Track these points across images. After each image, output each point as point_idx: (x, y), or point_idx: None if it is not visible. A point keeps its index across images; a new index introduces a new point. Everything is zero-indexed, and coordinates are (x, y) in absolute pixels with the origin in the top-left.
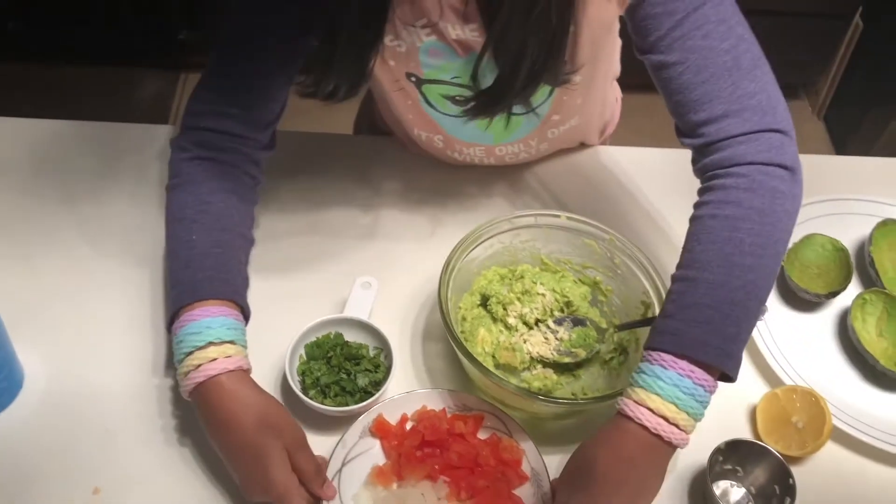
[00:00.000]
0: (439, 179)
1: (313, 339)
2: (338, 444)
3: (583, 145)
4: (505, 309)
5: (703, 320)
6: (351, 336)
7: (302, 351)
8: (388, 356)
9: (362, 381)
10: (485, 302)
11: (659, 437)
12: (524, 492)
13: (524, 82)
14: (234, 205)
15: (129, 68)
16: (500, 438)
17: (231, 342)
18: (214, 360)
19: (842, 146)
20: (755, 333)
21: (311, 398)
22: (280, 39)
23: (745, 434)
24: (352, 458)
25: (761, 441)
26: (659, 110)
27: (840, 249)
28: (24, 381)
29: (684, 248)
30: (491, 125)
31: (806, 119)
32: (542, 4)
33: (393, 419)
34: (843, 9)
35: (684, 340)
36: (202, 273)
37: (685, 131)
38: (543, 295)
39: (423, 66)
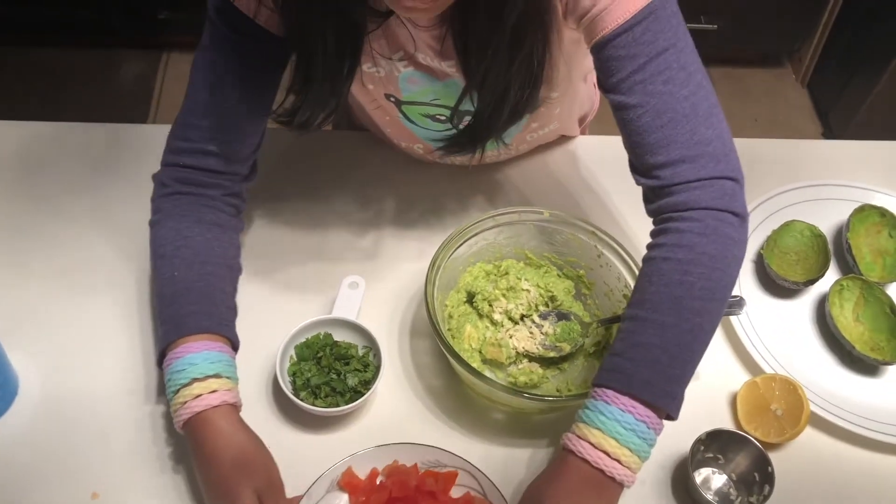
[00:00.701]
0: (423, 177)
1: (303, 339)
2: (303, 496)
3: (564, 137)
4: (490, 305)
5: (650, 360)
6: (340, 335)
7: (292, 352)
8: (377, 355)
9: (352, 380)
10: (471, 299)
11: (601, 471)
12: None
13: (507, 120)
14: (215, 237)
15: (109, 49)
16: (472, 498)
17: (216, 376)
18: (198, 396)
19: (825, 113)
20: (735, 321)
21: (302, 399)
22: (255, 75)
23: (727, 421)
24: None
25: (742, 428)
26: None
27: (818, 235)
28: (19, 388)
29: (636, 287)
30: None
31: (790, 86)
32: (526, 49)
33: (363, 473)
34: None
35: (630, 379)
36: (185, 308)
37: (640, 171)
38: (528, 291)
39: (403, 91)
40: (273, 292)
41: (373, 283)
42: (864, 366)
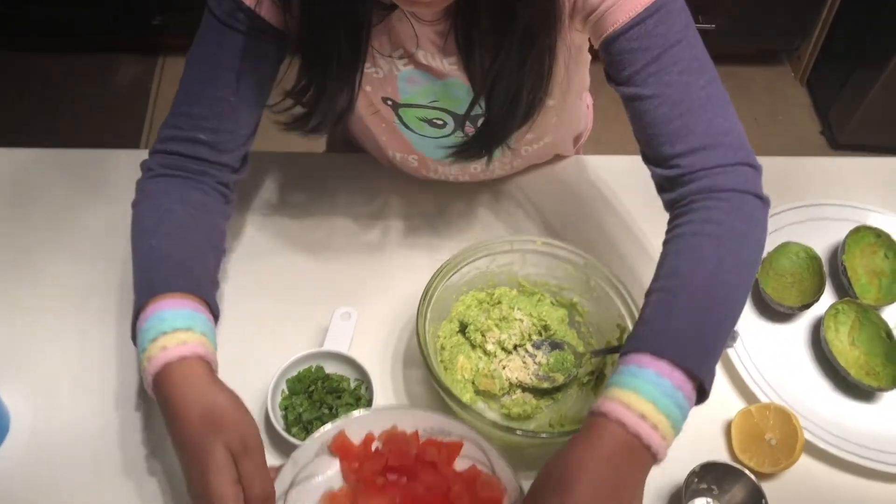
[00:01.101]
0: (417, 202)
1: (295, 373)
2: (287, 462)
3: (558, 156)
4: (483, 336)
5: (685, 328)
6: (332, 368)
7: (284, 386)
8: (369, 388)
9: (343, 414)
10: (463, 329)
11: (638, 437)
12: None
13: (521, 121)
14: (200, 215)
15: (105, 52)
16: (479, 472)
17: (187, 329)
18: (165, 348)
19: (825, 111)
20: (730, 349)
21: (294, 435)
22: (250, 67)
23: (721, 450)
24: (303, 478)
25: (736, 457)
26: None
27: (813, 258)
28: (10, 424)
29: (663, 262)
30: None
31: (789, 84)
32: (537, 48)
33: (357, 438)
34: None
35: (667, 344)
36: (159, 273)
37: (657, 161)
38: (521, 320)
39: (401, 92)
40: (264, 324)
41: (365, 312)
42: (860, 391)
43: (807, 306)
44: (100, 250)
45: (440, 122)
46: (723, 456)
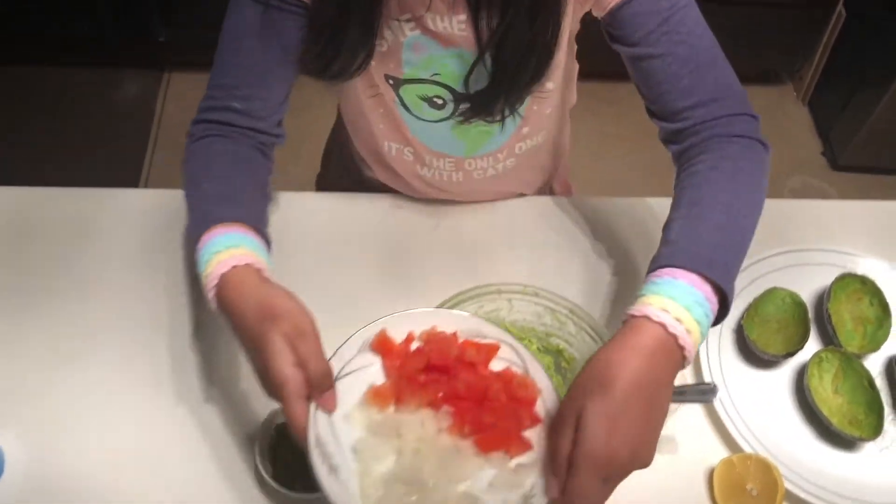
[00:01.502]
0: (398, 247)
1: (283, 419)
2: (333, 355)
3: (550, 192)
4: None
5: (711, 248)
6: None
7: (272, 432)
8: None
9: None
10: None
11: (675, 337)
12: (535, 435)
13: (529, 79)
14: (243, 165)
15: (110, 69)
16: (514, 373)
17: (236, 246)
18: (219, 263)
19: (826, 132)
20: (717, 398)
21: (282, 483)
22: (275, 35)
23: (704, 498)
24: (347, 372)
25: None
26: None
27: (799, 304)
28: (4, 467)
29: (682, 194)
30: (465, 133)
31: (790, 104)
32: (548, 6)
33: (398, 336)
34: None
35: (696, 259)
36: (210, 209)
37: (666, 116)
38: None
39: (404, 65)
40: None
41: None
42: (842, 440)
43: (791, 355)
44: (96, 293)
45: (439, 101)
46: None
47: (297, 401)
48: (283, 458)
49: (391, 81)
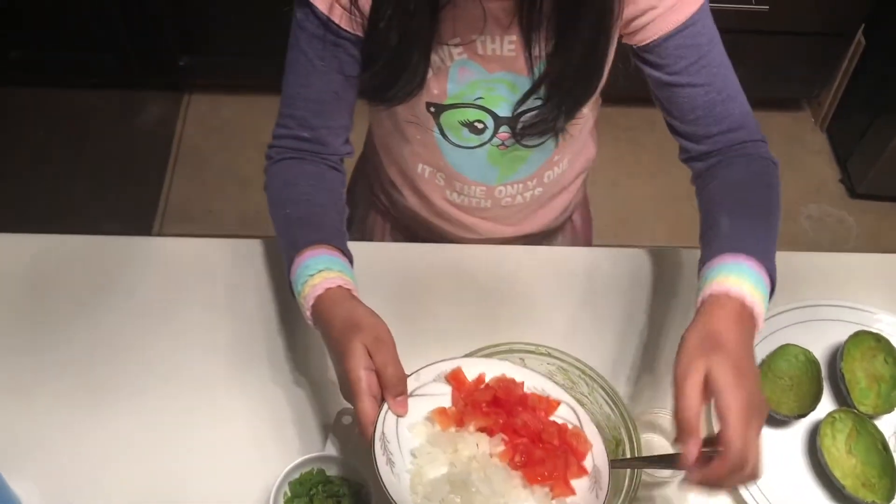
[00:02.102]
0: (414, 301)
1: (297, 475)
2: (412, 374)
3: (570, 224)
4: None
5: (758, 238)
6: (334, 470)
7: (287, 489)
8: (368, 493)
9: None
10: None
11: (752, 308)
12: (581, 485)
13: (581, 99)
14: (318, 184)
15: (130, 91)
16: (568, 427)
17: (327, 269)
18: (314, 286)
19: (844, 159)
20: None
21: None
22: (337, 68)
23: None
24: (420, 393)
25: None
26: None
27: (812, 362)
28: None
29: (722, 196)
30: (500, 159)
31: (808, 131)
32: (600, 30)
33: (470, 376)
34: (846, 26)
35: (751, 247)
36: (297, 233)
37: (696, 139)
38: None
39: (450, 86)
40: (269, 425)
41: None
42: (856, 503)
43: (803, 415)
44: (115, 339)
45: (480, 126)
46: None
47: (367, 398)
48: None
49: (432, 109)
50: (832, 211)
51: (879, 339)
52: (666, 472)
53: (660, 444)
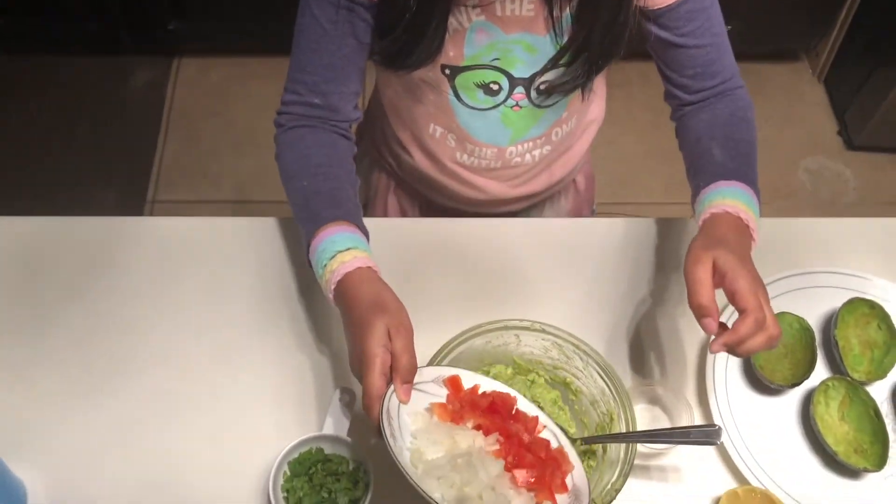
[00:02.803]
0: (413, 277)
1: (296, 455)
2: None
3: (573, 184)
4: None
5: (747, 167)
6: (332, 448)
7: (286, 468)
8: (367, 471)
9: (342, 500)
10: None
11: (748, 224)
12: (562, 501)
13: (606, 56)
14: (332, 154)
15: (119, 56)
16: (553, 446)
17: (356, 248)
18: (344, 262)
19: (842, 111)
20: (720, 422)
21: None
22: (349, 32)
23: None
24: (420, 389)
25: None
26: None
27: (807, 329)
28: (27, 500)
29: (713, 125)
30: (514, 120)
31: (806, 83)
32: None
33: (466, 385)
34: None
35: (743, 174)
36: (317, 206)
37: (691, 91)
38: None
39: (466, 48)
40: (267, 406)
41: None
42: (848, 469)
43: (797, 384)
44: (110, 321)
45: (495, 87)
46: None
47: (379, 375)
48: (296, 494)
49: (447, 71)
50: (830, 164)
51: (873, 306)
52: (662, 445)
53: (653, 414)
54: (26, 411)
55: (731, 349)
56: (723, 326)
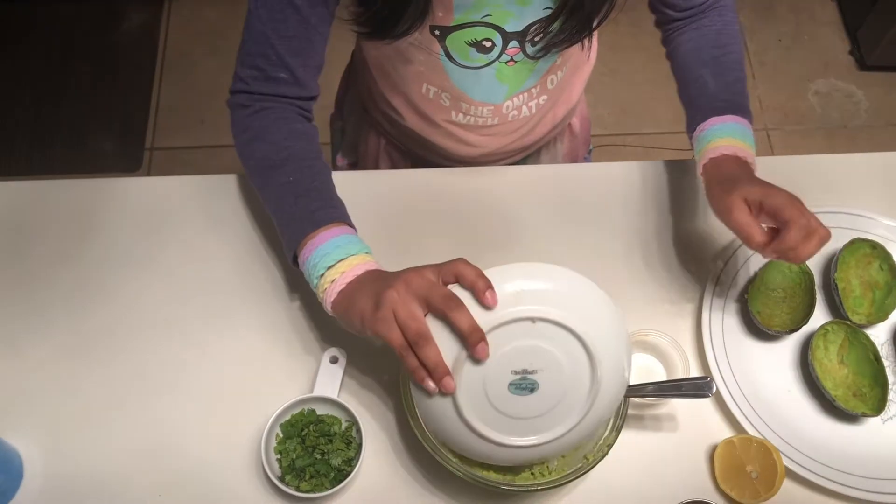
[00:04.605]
0: (403, 226)
1: (287, 417)
2: None
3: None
4: None
5: (738, 92)
6: (323, 409)
7: (278, 429)
8: (359, 431)
9: (335, 460)
10: None
11: (746, 160)
12: None
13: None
14: (309, 143)
15: (111, 2)
16: None
17: (356, 254)
18: (345, 272)
19: (854, 30)
20: (716, 370)
21: (287, 483)
22: (312, 5)
23: (705, 477)
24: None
25: (719, 486)
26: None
27: (806, 272)
28: (23, 470)
29: (699, 51)
30: (509, 75)
31: (818, 1)
32: None
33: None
34: None
35: (736, 107)
36: (311, 205)
37: (681, 9)
38: None
39: (455, 10)
40: (256, 367)
41: (355, 352)
42: (846, 414)
43: (795, 329)
44: (100, 286)
45: (488, 44)
46: (706, 484)
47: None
48: (289, 456)
49: (437, 32)
50: (841, 85)
51: (875, 247)
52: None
53: (647, 364)
54: (19, 380)
55: (785, 255)
56: (773, 234)
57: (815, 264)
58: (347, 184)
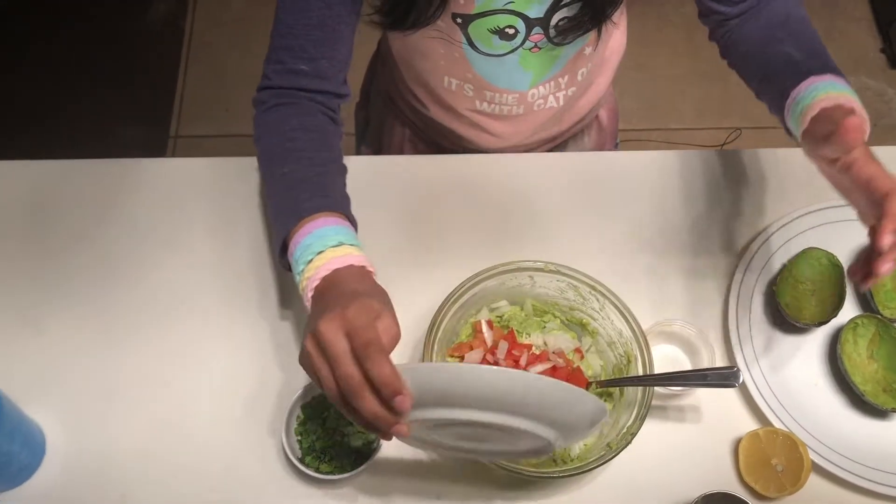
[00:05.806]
0: (422, 215)
1: (309, 399)
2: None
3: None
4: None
5: (826, 55)
6: None
7: (299, 411)
8: None
9: (356, 442)
10: None
11: (852, 106)
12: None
13: None
14: (319, 139)
15: None
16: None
17: (350, 244)
18: (334, 257)
19: (886, 26)
20: (742, 362)
21: (307, 464)
22: None
23: (729, 470)
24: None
25: (743, 479)
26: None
27: (836, 265)
28: (46, 446)
29: (772, 31)
30: (533, 62)
31: None
32: None
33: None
34: None
35: (830, 66)
36: (300, 196)
37: (733, 3)
38: (529, 347)
39: None
40: (281, 348)
41: None
42: (874, 409)
43: (824, 322)
44: (121, 267)
45: (511, 31)
46: (730, 476)
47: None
48: (309, 438)
49: (459, 20)
50: (871, 83)
51: None
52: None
53: (673, 354)
54: (42, 357)
55: None
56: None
57: (845, 258)
58: (369, 169)
